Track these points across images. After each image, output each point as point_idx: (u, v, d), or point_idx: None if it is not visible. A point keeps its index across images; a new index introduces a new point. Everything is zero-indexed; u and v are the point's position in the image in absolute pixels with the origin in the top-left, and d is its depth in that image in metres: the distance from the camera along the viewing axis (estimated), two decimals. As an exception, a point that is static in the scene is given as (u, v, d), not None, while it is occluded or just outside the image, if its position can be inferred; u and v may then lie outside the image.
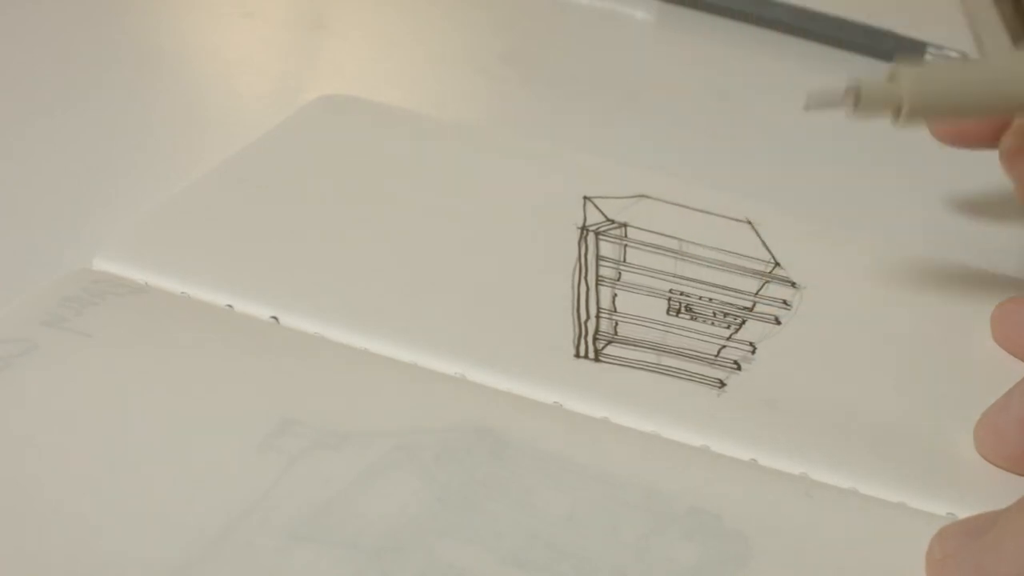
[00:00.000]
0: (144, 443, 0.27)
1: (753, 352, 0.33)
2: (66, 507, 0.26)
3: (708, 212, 0.38)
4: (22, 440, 0.27)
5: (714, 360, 0.33)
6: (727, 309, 0.35)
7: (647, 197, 0.38)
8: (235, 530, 0.26)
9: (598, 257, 0.36)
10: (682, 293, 0.35)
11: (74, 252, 0.33)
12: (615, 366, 0.32)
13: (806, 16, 0.54)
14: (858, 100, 0.31)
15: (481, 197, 0.38)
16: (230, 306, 0.32)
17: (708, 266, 0.36)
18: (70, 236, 0.35)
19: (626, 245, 0.36)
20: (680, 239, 0.37)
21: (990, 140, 0.33)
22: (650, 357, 0.32)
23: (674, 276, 0.36)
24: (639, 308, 0.34)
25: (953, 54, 0.54)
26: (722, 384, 0.32)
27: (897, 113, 0.31)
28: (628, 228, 0.37)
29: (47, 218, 0.36)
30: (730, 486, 0.29)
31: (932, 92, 0.31)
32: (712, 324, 0.34)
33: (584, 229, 0.37)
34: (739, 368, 0.32)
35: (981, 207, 0.44)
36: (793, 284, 0.36)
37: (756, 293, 0.35)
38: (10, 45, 0.44)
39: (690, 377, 0.32)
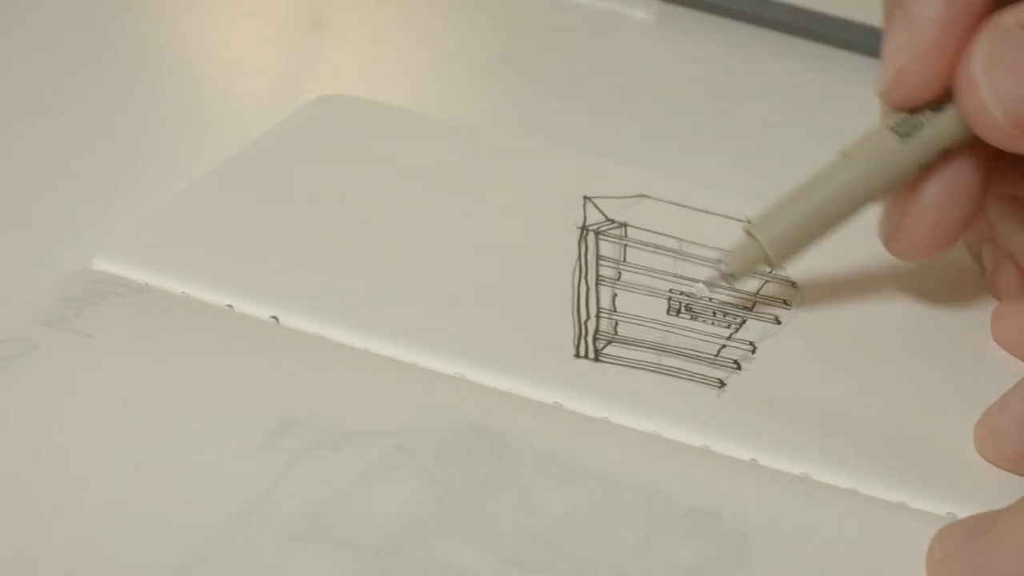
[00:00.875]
0: (144, 443, 0.27)
1: (753, 352, 0.33)
2: (66, 507, 0.26)
3: (708, 212, 0.38)
4: (22, 440, 0.27)
5: (714, 360, 0.33)
6: (727, 309, 0.35)
7: (647, 197, 0.38)
8: (235, 530, 0.26)
9: (598, 257, 0.36)
10: (682, 293, 0.35)
11: (74, 252, 0.33)
12: (615, 366, 0.32)
13: (806, 16, 0.54)
14: (730, 275, 0.33)
15: (481, 197, 0.38)
16: (230, 306, 0.32)
17: (708, 266, 0.36)
18: (70, 236, 0.35)
19: (626, 245, 0.36)
20: (680, 239, 0.37)
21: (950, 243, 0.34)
22: (650, 357, 0.32)
23: (674, 276, 0.36)
24: (639, 308, 0.34)
25: None
26: (722, 384, 0.32)
27: (769, 263, 0.32)
28: (628, 228, 0.37)
29: (47, 218, 0.36)
30: (730, 486, 0.29)
31: (788, 234, 0.32)
32: (712, 324, 0.34)
33: (584, 229, 0.37)
34: (739, 368, 0.32)
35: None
36: (793, 284, 0.36)
37: (756, 293, 0.35)
38: (10, 45, 0.44)
39: (690, 377, 0.32)
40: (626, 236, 0.37)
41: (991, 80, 0.29)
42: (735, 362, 0.33)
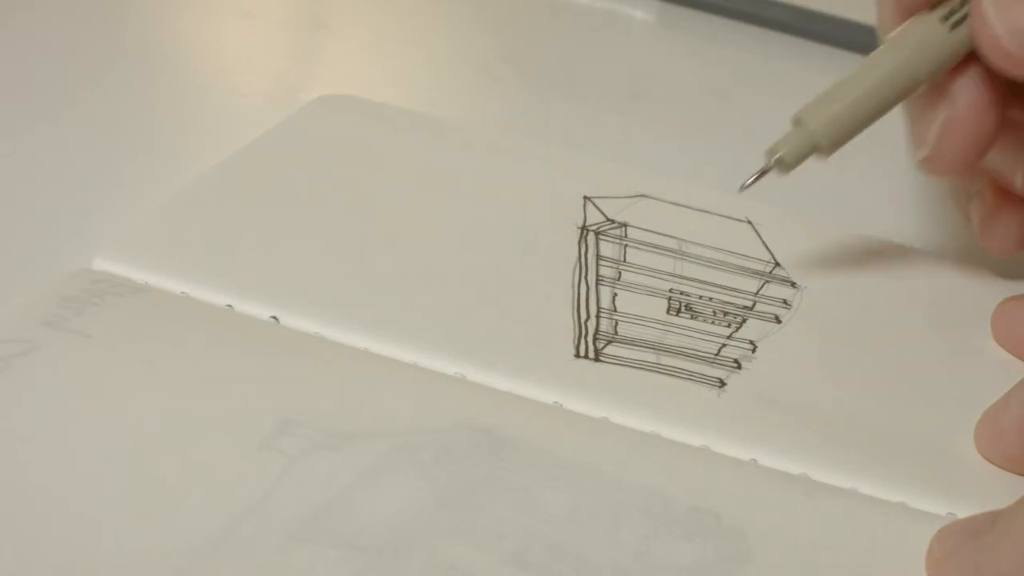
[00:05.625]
0: (144, 443, 0.27)
1: (753, 351, 0.33)
2: (66, 507, 0.26)
3: (708, 212, 0.38)
4: (22, 440, 0.27)
5: (714, 359, 0.33)
6: (727, 308, 0.35)
7: (647, 197, 0.38)
8: (235, 530, 0.26)
9: (598, 257, 0.36)
10: (682, 292, 0.35)
11: (74, 252, 0.33)
12: (615, 366, 0.32)
13: (806, 16, 0.54)
14: (781, 161, 0.33)
15: (481, 197, 0.38)
16: (230, 306, 0.32)
17: (708, 266, 0.36)
18: (70, 236, 0.35)
19: (626, 245, 0.36)
20: (680, 239, 0.37)
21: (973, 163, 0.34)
22: (650, 357, 0.32)
23: (674, 276, 0.36)
24: (639, 308, 0.34)
25: None
26: (722, 383, 0.32)
27: (821, 151, 0.33)
28: (628, 228, 0.37)
29: (47, 218, 0.36)
30: (730, 486, 0.29)
31: (839, 117, 0.33)
32: (712, 323, 0.34)
33: (584, 229, 0.37)
34: (739, 367, 0.32)
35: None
36: (793, 284, 0.36)
37: (756, 293, 0.35)
38: (10, 45, 0.44)
39: (690, 376, 0.32)
40: (626, 236, 0.37)
41: (1001, 13, 0.31)
42: (735, 361, 0.33)
